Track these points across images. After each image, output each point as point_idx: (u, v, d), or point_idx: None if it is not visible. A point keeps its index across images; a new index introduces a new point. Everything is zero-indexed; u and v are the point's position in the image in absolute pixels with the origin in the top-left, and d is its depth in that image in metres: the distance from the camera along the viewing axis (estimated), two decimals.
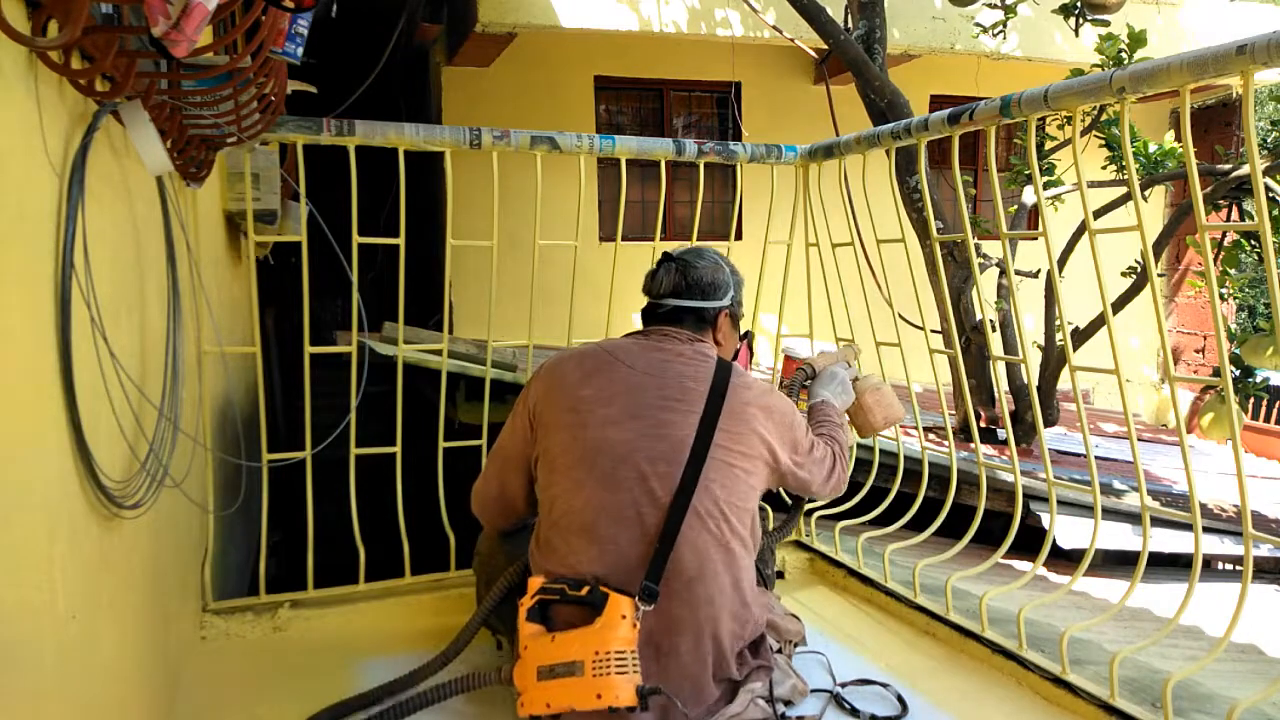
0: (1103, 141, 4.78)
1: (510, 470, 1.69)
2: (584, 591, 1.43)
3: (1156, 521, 3.78)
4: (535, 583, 1.49)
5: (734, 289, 1.75)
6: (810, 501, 2.05)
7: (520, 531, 1.77)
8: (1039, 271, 4.94)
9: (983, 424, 5.11)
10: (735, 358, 1.81)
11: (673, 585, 1.46)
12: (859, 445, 2.71)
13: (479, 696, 1.71)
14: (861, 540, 2.33)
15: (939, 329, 4.81)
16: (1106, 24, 4.70)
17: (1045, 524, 1.93)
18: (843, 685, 1.75)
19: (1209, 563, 4.65)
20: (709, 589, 1.48)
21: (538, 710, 1.39)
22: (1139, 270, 4.74)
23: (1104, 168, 4.74)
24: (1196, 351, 8.49)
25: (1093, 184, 4.25)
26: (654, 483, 1.48)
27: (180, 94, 1.29)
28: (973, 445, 2.14)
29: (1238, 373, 4.24)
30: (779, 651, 1.68)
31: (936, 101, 7.50)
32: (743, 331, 1.85)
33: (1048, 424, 5.16)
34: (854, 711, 1.67)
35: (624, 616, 1.40)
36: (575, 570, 1.47)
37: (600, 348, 1.64)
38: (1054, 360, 4.91)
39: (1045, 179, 5.08)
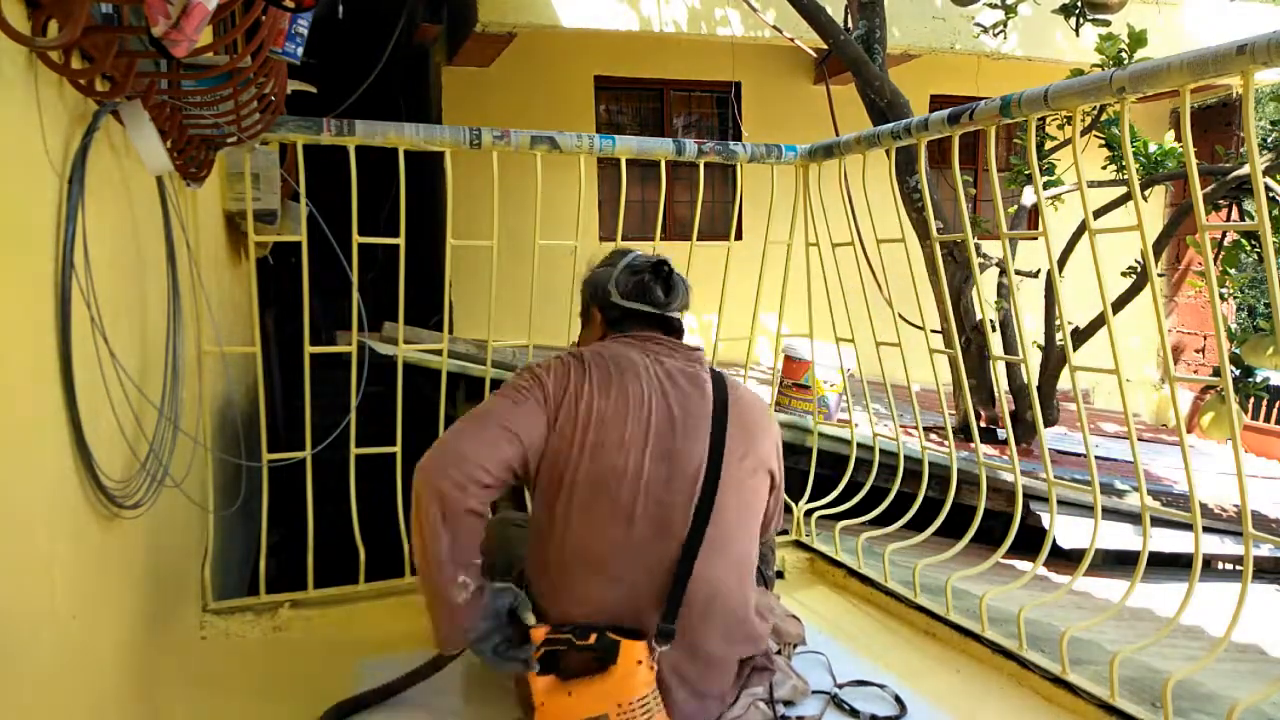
0: (1103, 141, 4.78)
1: (502, 438, 1.43)
2: (591, 639, 1.37)
3: (1157, 521, 3.78)
4: (539, 633, 1.41)
5: None
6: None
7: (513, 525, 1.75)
8: (1039, 271, 4.94)
9: (983, 424, 5.11)
10: None
11: (686, 618, 1.41)
12: (859, 445, 2.71)
13: (477, 696, 1.71)
14: (861, 540, 2.33)
15: (939, 329, 4.81)
16: (1107, 24, 4.69)
17: (1045, 524, 1.93)
18: (842, 686, 1.75)
19: (1209, 563, 4.65)
20: (724, 616, 1.46)
21: None
22: (1139, 270, 4.74)
23: (1104, 168, 4.74)
24: (1197, 351, 8.49)
25: (1093, 184, 4.25)
26: (670, 514, 1.43)
27: (180, 94, 1.29)
28: (973, 445, 2.14)
29: (1238, 372, 4.23)
30: (778, 653, 1.68)
31: (936, 101, 7.50)
32: None
33: (1048, 424, 5.16)
34: (853, 712, 1.67)
35: (639, 662, 1.35)
36: (586, 611, 1.42)
37: (609, 360, 1.54)
38: (1054, 360, 4.91)
39: (1045, 179, 5.08)
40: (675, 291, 1.66)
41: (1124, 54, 4.40)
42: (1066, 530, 3.84)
